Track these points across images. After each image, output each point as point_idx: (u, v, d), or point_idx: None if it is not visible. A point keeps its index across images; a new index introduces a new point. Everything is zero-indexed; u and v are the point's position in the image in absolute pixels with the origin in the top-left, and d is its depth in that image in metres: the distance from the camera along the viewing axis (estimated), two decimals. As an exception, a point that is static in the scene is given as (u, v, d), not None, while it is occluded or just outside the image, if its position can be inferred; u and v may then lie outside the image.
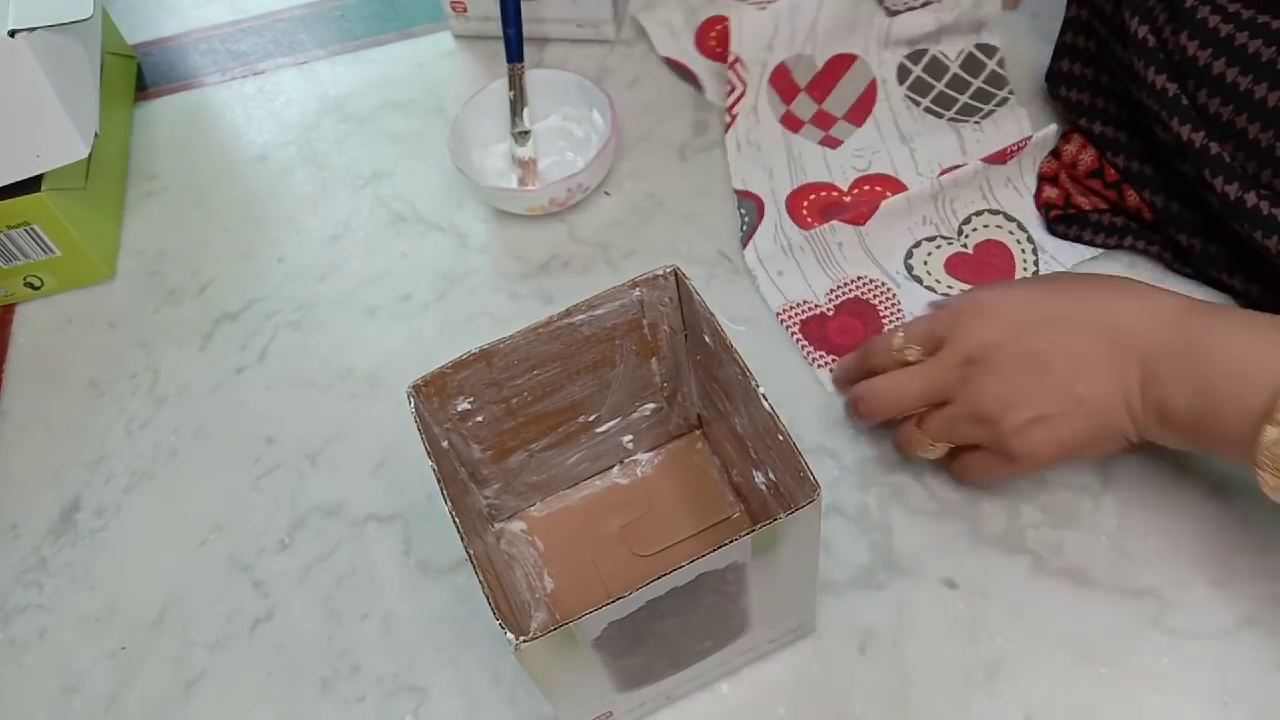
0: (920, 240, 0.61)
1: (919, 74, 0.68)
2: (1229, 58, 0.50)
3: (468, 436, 0.47)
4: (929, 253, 0.61)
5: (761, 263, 0.61)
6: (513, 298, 0.63)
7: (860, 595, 0.50)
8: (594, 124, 0.67)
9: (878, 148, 0.65)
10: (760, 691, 0.48)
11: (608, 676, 0.41)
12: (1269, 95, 0.49)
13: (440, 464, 0.42)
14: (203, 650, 0.53)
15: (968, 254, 0.60)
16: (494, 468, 0.49)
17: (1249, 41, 0.50)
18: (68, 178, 0.64)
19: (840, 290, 0.60)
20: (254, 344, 0.63)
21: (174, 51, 0.81)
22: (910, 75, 0.68)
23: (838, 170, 0.65)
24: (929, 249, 0.61)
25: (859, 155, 0.65)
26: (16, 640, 0.54)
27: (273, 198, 0.70)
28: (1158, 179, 0.57)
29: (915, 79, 0.68)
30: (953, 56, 0.68)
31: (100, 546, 0.57)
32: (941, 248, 0.61)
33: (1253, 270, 0.54)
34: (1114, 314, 0.45)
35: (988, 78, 0.67)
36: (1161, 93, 0.53)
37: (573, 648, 0.38)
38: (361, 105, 0.75)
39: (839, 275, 0.60)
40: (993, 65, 0.67)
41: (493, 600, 0.37)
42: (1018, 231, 0.61)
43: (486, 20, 0.75)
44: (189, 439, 0.60)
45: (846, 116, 0.67)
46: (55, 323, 0.67)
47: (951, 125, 0.66)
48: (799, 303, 0.60)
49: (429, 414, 0.44)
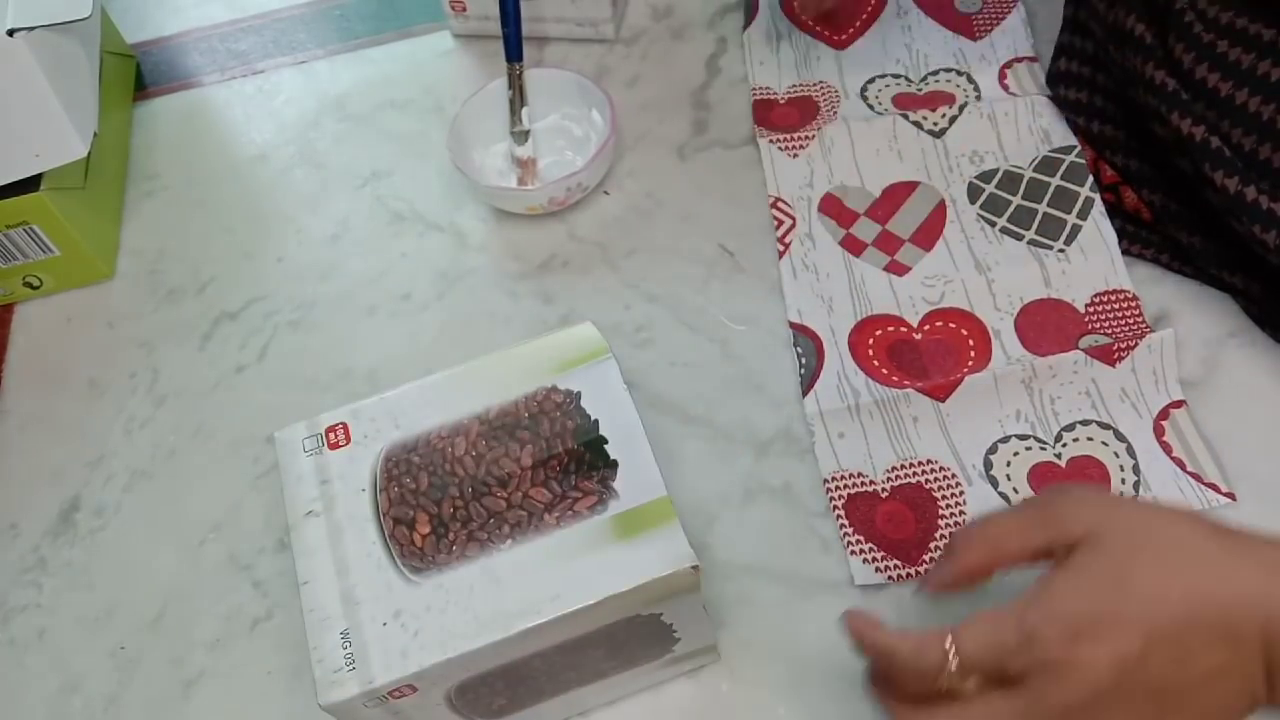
0: (1010, 436, 0.53)
1: (992, 191, 0.61)
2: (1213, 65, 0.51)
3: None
4: (1015, 452, 0.52)
5: (823, 418, 0.54)
6: (512, 297, 0.63)
7: (860, 596, 0.50)
8: (593, 123, 0.67)
9: (950, 276, 0.58)
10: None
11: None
12: (1249, 101, 0.50)
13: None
14: (202, 650, 0.53)
15: (1059, 466, 0.52)
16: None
17: (1229, 50, 0.50)
18: (67, 177, 0.64)
19: (903, 471, 0.53)
20: (253, 343, 0.63)
21: (173, 51, 0.81)
22: (982, 193, 0.61)
23: (906, 302, 0.58)
24: (1017, 448, 0.53)
25: (930, 285, 0.58)
26: (16, 640, 0.54)
27: (272, 197, 0.70)
28: (1157, 177, 0.57)
29: (989, 196, 0.61)
30: (1025, 165, 0.62)
31: (100, 546, 0.57)
32: (1032, 450, 0.52)
33: (1252, 268, 0.54)
34: (1224, 595, 0.35)
35: (1066, 171, 0.60)
36: (1160, 87, 0.53)
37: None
38: (361, 104, 0.74)
39: (907, 453, 0.53)
40: (1071, 159, 0.61)
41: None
42: (1123, 455, 0.52)
43: (486, 19, 0.74)
44: (188, 438, 0.60)
45: (914, 239, 0.60)
46: (54, 322, 0.67)
47: (1032, 252, 0.58)
48: (853, 474, 0.53)
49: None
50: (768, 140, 0.66)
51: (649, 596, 0.40)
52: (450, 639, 0.39)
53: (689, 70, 0.72)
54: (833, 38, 0.70)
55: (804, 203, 0.63)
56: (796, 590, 0.50)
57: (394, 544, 0.42)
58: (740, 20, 0.73)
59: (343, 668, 0.39)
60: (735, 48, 0.72)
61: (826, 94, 0.68)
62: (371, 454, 0.44)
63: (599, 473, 0.42)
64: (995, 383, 0.53)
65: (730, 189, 0.65)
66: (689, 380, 0.58)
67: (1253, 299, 0.54)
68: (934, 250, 0.60)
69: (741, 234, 0.63)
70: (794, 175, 0.64)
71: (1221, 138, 0.51)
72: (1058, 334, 0.55)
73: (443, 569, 0.41)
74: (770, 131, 0.66)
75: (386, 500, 0.43)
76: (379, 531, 0.42)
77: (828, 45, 0.70)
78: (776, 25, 0.72)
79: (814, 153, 0.65)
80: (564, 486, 0.42)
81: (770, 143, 0.66)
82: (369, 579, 0.41)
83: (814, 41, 0.71)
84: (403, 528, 0.42)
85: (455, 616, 0.40)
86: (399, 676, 0.39)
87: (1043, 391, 0.53)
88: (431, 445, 0.44)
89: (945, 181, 0.62)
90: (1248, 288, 0.54)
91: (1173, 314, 0.56)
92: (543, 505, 0.42)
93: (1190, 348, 0.54)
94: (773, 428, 0.55)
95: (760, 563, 0.51)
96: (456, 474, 0.43)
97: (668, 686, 0.48)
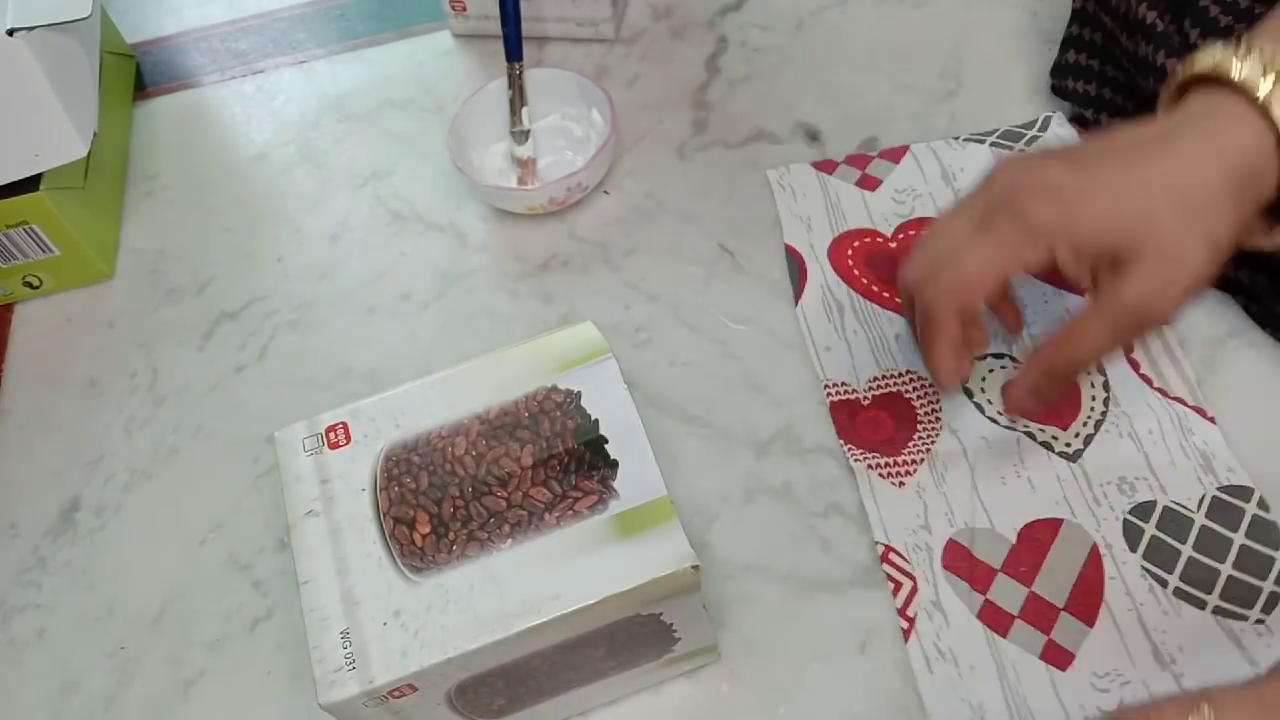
0: (986, 355, 0.54)
1: (1154, 534, 0.49)
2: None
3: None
4: (991, 369, 0.54)
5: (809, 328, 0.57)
6: (512, 297, 0.63)
7: (860, 595, 0.50)
8: (593, 123, 0.67)
9: (1128, 676, 0.46)
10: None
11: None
12: None
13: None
14: (202, 650, 0.53)
15: None
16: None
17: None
18: (66, 177, 0.64)
19: (884, 381, 0.55)
20: (253, 343, 0.63)
21: (173, 51, 0.81)
22: (1143, 537, 0.49)
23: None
24: (993, 365, 0.54)
25: (1101, 686, 0.45)
26: (16, 640, 0.54)
27: (272, 197, 0.70)
28: None
29: (1150, 541, 0.49)
30: (1192, 507, 0.49)
31: (99, 546, 0.57)
32: (1007, 369, 0.54)
33: (1256, 262, 0.53)
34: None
35: (1253, 530, 0.48)
36: (1172, 75, 0.53)
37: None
38: (361, 104, 0.75)
39: (888, 364, 0.55)
40: (1254, 510, 0.48)
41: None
42: (1094, 373, 0.53)
43: (486, 19, 0.75)
44: (188, 438, 0.60)
45: (1069, 608, 0.47)
46: (54, 322, 0.67)
47: (1220, 624, 0.46)
48: (837, 383, 0.55)
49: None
50: (864, 464, 0.52)
51: (649, 596, 0.40)
52: (450, 639, 0.39)
53: (689, 70, 0.72)
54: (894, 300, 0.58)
55: (923, 553, 0.49)
56: (796, 590, 0.50)
57: (394, 544, 0.42)
58: (740, 19, 0.72)
59: (343, 667, 0.39)
60: (735, 47, 0.72)
61: (919, 388, 0.55)
62: (371, 454, 0.44)
63: (599, 472, 0.42)
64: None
65: (730, 189, 0.65)
66: (689, 380, 0.58)
67: (1255, 295, 0.54)
68: (1095, 628, 0.47)
69: (741, 234, 0.63)
70: (904, 512, 0.51)
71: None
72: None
73: (443, 569, 0.41)
74: (860, 450, 0.53)
75: (386, 500, 0.43)
76: (379, 531, 0.42)
77: (903, 316, 0.57)
78: (833, 293, 0.59)
79: (924, 481, 0.52)
80: (564, 486, 0.42)
81: (869, 468, 0.52)
82: (369, 579, 0.41)
83: (889, 314, 0.58)
84: (403, 527, 0.42)
85: (455, 616, 0.40)
86: (399, 676, 0.39)
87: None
88: (431, 445, 0.44)
89: (1093, 519, 0.50)
90: (1252, 282, 0.54)
91: (1173, 314, 0.56)
92: (543, 505, 0.42)
93: (1190, 347, 0.54)
94: (773, 428, 0.55)
95: (760, 563, 0.51)
96: (457, 474, 0.43)
97: (668, 686, 0.48)
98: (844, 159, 0.64)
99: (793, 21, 0.74)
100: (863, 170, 0.63)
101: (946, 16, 0.73)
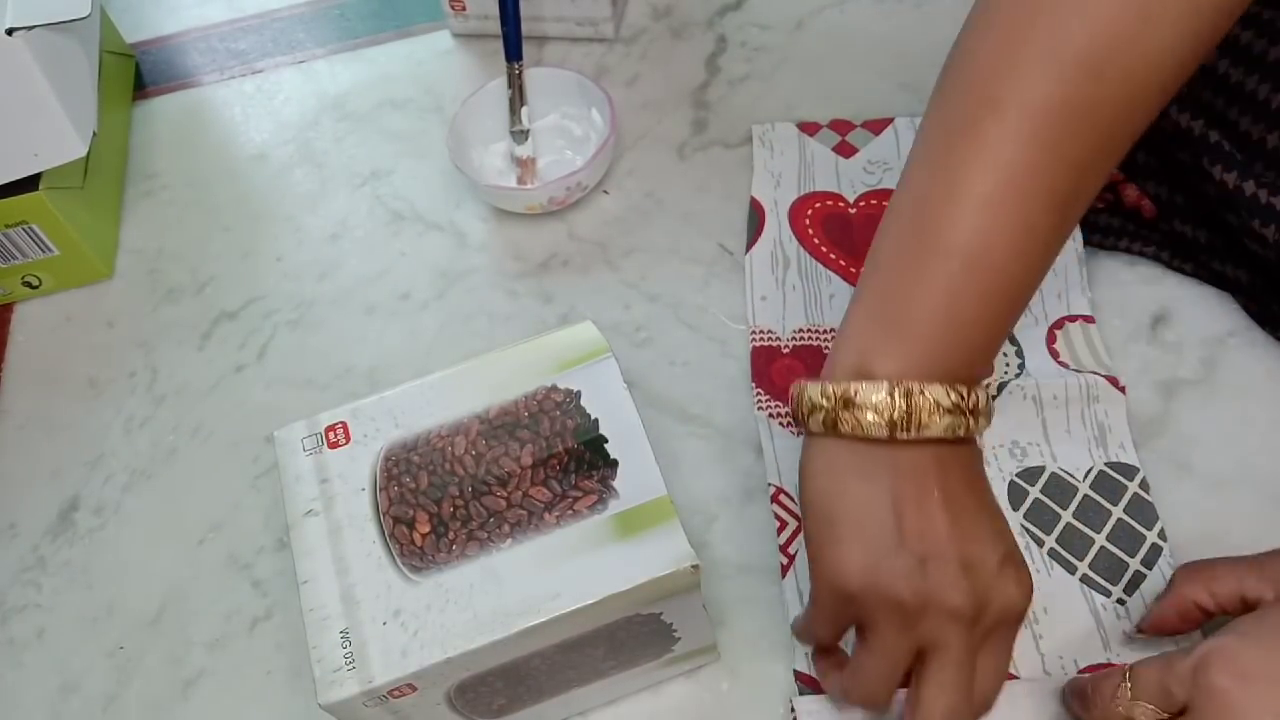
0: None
1: (1038, 496, 0.51)
2: (1223, 50, 0.51)
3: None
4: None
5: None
6: (512, 296, 0.63)
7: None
8: (593, 122, 0.67)
9: None
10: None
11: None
12: (1257, 89, 0.50)
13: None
14: (201, 650, 0.52)
15: None
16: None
17: (1240, 33, 0.50)
18: (66, 177, 0.64)
19: (808, 334, 0.57)
20: (253, 343, 0.63)
21: (172, 50, 0.81)
22: (1026, 498, 0.51)
23: None
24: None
25: None
26: (15, 640, 0.54)
27: (271, 196, 0.70)
28: (1160, 170, 0.57)
29: (1033, 504, 0.50)
30: (1079, 476, 0.51)
31: (99, 546, 0.57)
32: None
33: (1254, 263, 0.53)
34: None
35: (1131, 507, 0.50)
36: None
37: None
38: (360, 104, 0.74)
39: (815, 320, 0.57)
40: (1135, 489, 0.50)
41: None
42: (1010, 355, 0.54)
43: (485, 19, 0.74)
44: (188, 438, 0.60)
45: None
46: (54, 322, 0.67)
47: (1085, 594, 0.48)
48: (763, 330, 0.57)
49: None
50: (766, 413, 0.55)
51: (649, 596, 0.40)
52: (450, 638, 0.39)
53: (689, 70, 0.72)
54: (850, 270, 0.60)
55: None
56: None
57: (394, 543, 0.42)
58: (740, 18, 0.72)
59: (342, 667, 0.39)
60: (735, 46, 0.72)
61: None
62: (371, 453, 0.44)
63: (599, 472, 0.42)
64: None
65: (730, 188, 0.65)
66: (689, 380, 0.58)
67: (1254, 295, 0.54)
68: None
69: (741, 234, 0.63)
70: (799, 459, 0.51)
71: (1225, 128, 0.51)
72: None
73: (443, 568, 0.41)
74: (768, 397, 0.55)
75: (386, 499, 0.43)
76: (379, 531, 0.42)
77: (843, 280, 0.59)
78: (784, 248, 0.61)
79: None
80: (564, 486, 0.42)
81: (770, 417, 0.55)
82: (369, 578, 0.41)
83: (830, 274, 0.60)
84: (403, 527, 0.42)
85: (455, 616, 0.40)
86: (399, 676, 0.39)
87: None
88: (431, 444, 0.44)
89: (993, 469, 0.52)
90: (1251, 282, 0.54)
91: (1172, 313, 0.56)
92: (543, 504, 0.42)
93: (1190, 347, 0.54)
94: (773, 427, 0.55)
95: (761, 563, 0.51)
96: (456, 473, 0.43)
97: (667, 686, 0.48)
98: (828, 122, 0.66)
99: (792, 21, 0.74)
100: (843, 136, 0.64)
101: (946, 16, 0.72)
